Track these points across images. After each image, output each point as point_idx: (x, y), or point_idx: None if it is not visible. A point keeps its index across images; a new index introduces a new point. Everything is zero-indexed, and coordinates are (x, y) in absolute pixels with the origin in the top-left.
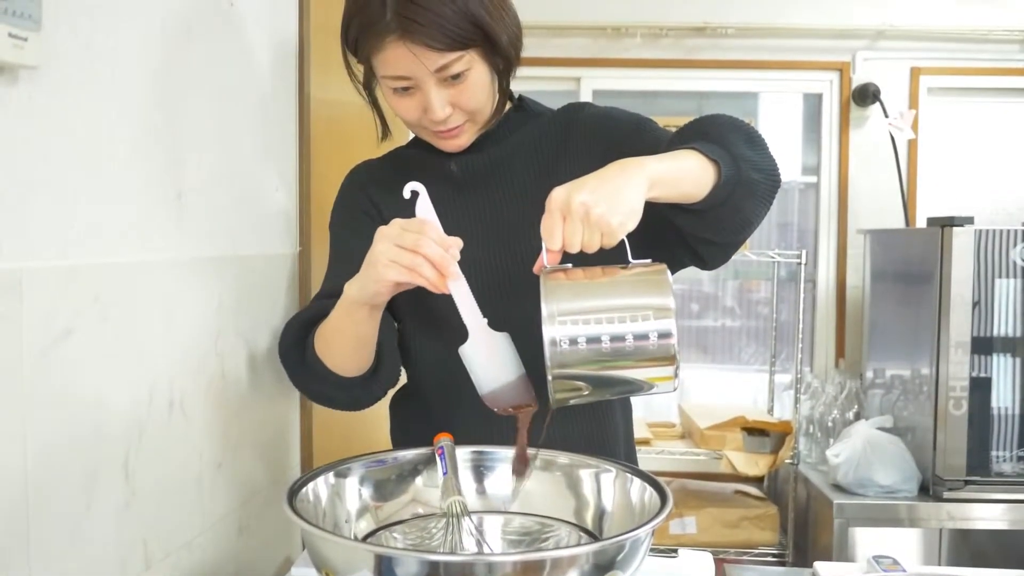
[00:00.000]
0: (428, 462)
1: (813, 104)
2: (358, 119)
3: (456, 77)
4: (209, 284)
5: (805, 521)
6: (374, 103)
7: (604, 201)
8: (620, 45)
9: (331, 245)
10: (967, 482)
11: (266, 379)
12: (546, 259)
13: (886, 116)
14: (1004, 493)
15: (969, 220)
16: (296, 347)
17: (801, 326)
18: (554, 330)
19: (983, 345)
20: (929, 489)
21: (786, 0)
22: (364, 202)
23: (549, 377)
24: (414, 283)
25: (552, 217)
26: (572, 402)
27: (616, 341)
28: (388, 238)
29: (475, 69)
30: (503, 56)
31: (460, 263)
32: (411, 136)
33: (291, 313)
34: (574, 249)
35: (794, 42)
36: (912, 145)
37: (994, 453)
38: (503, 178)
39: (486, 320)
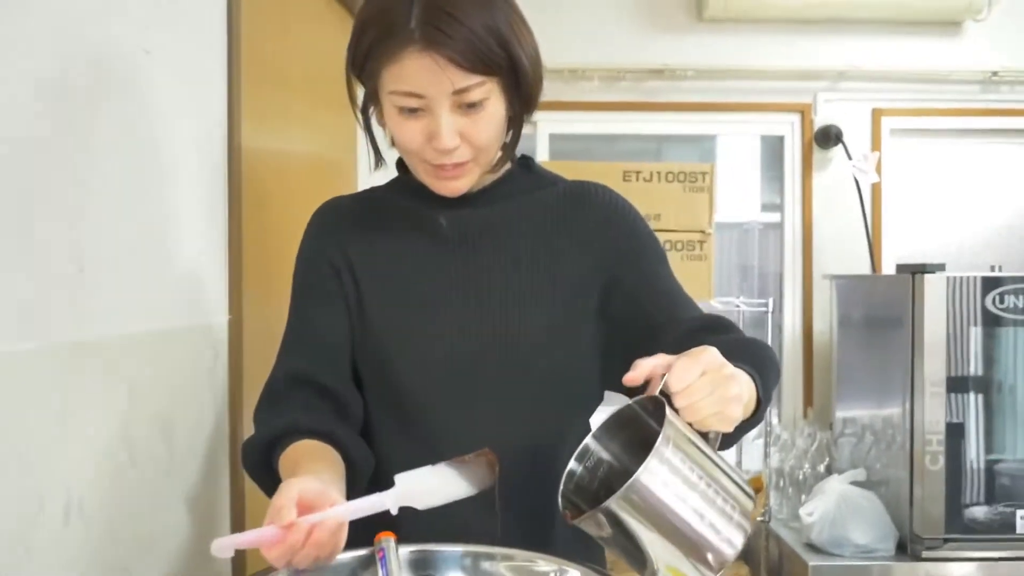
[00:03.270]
0: (368, 565)
1: (772, 145)
2: (304, 169)
3: (472, 106)
4: (116, 367)
5: None
6: (368, 129)
7: (739, 390)
8: (577, 88)
9: (290, 307)
10: (946, 540)
11: (189, 468)
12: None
13: (849, 158)
14: (984, 551)
15: (940, 267)
16: (262, 469)
17: None
18: (656, 464)
19: (958, 388)
20: (907, 547)
21: (745, 42)
22: (331, 252)
23: (611, 501)
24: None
25: (695, 365)
26: (582, 526)
27: (695, 515)
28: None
29: (493, 100)
30: (523, 93)
31: (429, 334)
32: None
33: (221, 388)
34: (690, 400)
35: (754, 83)
36: (876, 187)
37: (969, 505)
38: (496, 242)
39: (395, 489)
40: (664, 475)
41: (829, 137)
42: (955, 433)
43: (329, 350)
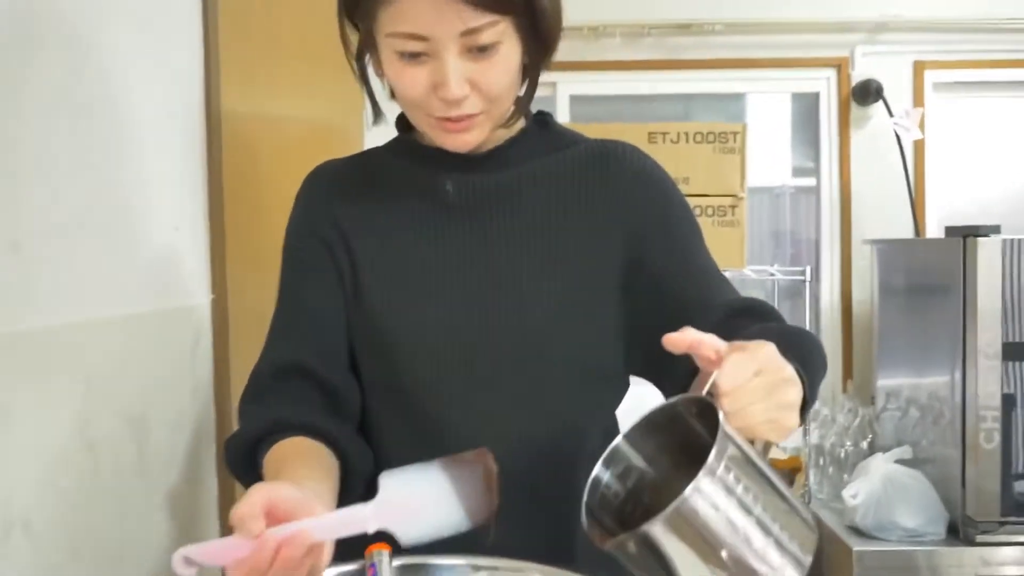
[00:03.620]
0: None
1: (805, 104)
2: (300, 134)
3: (483, 50)
4: (69, 360)
5: (819, 566)
6: (364, 80)
7: (797, 396)
8: (598, 46)
9: (280, 286)
10: (1002, 523)
11: (167, 470)
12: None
13: (890, 115)
14: None
15: (995, 229)
16: (247, 470)
17: None
18: (708, 484)
19: (1014, 356)
20: (959, 531)
21: None
22: (322, 224)
23: (653, 524)
24: None
25: (750, 363)
26: (608, 549)
27: (747, 546)
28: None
29: (506, 44)
30: (541, 36)
31: (433, 313)
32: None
33: (204, 378)
34: (741, 404)
35: (787, 37)
36: (918, 146)
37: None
38: (510, 209)
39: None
40: (716, 497)
41: (868, 93)
42: (1009, 405)
43: (322, 334)
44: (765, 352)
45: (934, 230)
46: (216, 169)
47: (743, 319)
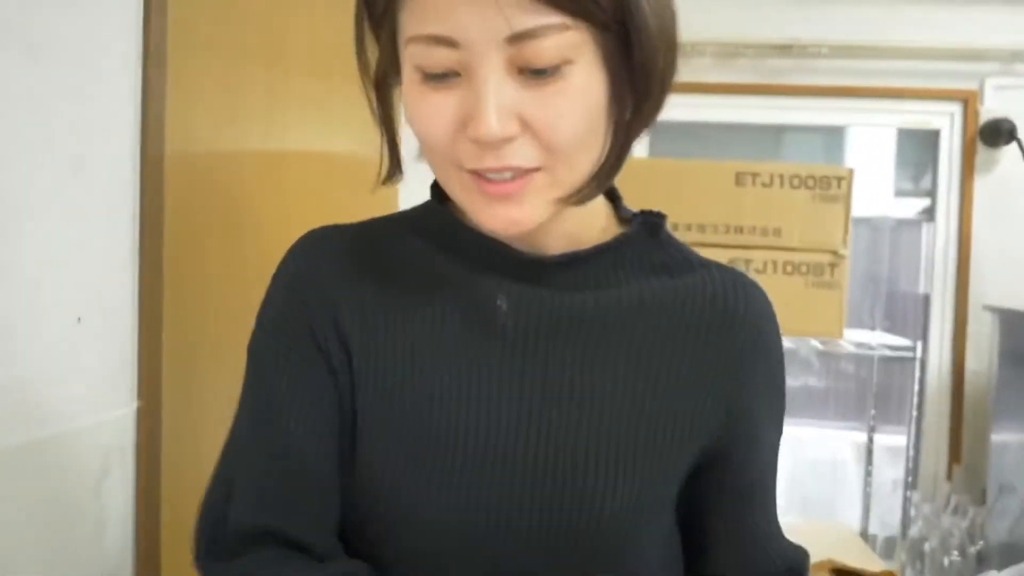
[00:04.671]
0: None
1: (915, 141)
2: (294, 177)
3: (541, 73)
4: None
5: None
6: (386, 118)
7: None
8: (684, 66)
9: (243, 398)
10: None
11: None
12: None
13: None
14: None
15: None
16: None
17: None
18: None
19: None
20: None
21: (893, 12)
22: (316, 317)
23: None
24: None
25: None
26: None
27: None
28: None
29: (580, 68)
30: (641, 63)
31: (456, 488)
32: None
33: (117, 517)
34: None
35: (903, 64)
36: None
37: None
38: (591, 352)
39: None
40: None
41: (1000, 133)
42: None
43: (305, 483)
44: None
45: None
46: (153, 231)
47: None
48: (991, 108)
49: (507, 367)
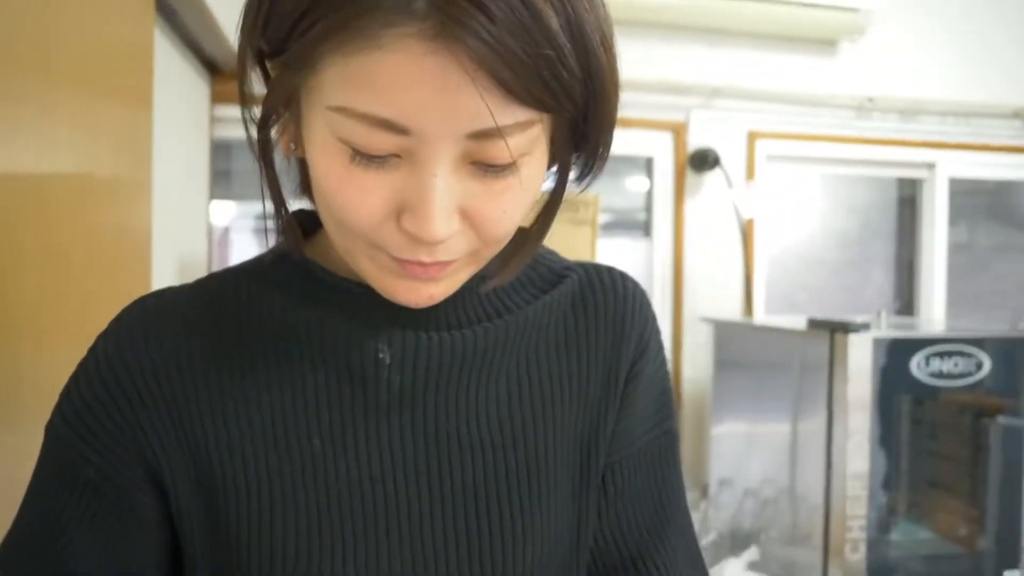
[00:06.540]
0: None
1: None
2: (34, 201)
3: (497, 170)
4: None
5: None
6: (267, 165)
7: None
8: None
9: (29, 494)
10: None
11: None
12: None
13: (730, 186)
14: None
15: (864, 327)
16: None
17: None
18: None
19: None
20: None
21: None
22: (144, 428)
23: None
24: None
25: None
26: None
27: None
28: None
29: (534, 157)
30: (595, 144)
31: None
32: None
33: None
34: None
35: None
36: (749, 221)
37: None
38: (481, 388)
39: None
40: None
41: (706, 160)
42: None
43: None
44: None
45: (761, 310)
46: None
47: None
48: (697, 138)
49: (393, 424)
